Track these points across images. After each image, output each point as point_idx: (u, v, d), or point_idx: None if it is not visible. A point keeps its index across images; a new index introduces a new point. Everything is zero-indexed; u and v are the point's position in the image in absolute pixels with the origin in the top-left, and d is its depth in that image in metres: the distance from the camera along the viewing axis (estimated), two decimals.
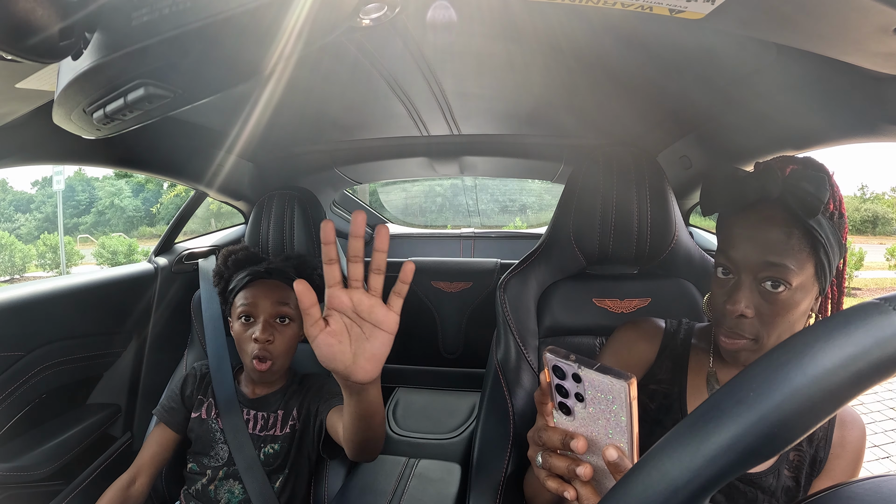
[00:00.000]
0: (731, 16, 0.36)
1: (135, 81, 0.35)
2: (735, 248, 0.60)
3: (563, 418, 0.43)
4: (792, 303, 0.57)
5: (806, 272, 0.57)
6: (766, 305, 0.58)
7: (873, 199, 26.62)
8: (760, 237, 0.58)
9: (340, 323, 0.54)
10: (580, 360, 0.40)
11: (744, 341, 0.60)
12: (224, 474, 0.91)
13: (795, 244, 0.57)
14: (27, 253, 14.27)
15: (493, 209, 3.20)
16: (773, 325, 0.58)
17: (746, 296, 0.59)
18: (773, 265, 0.57)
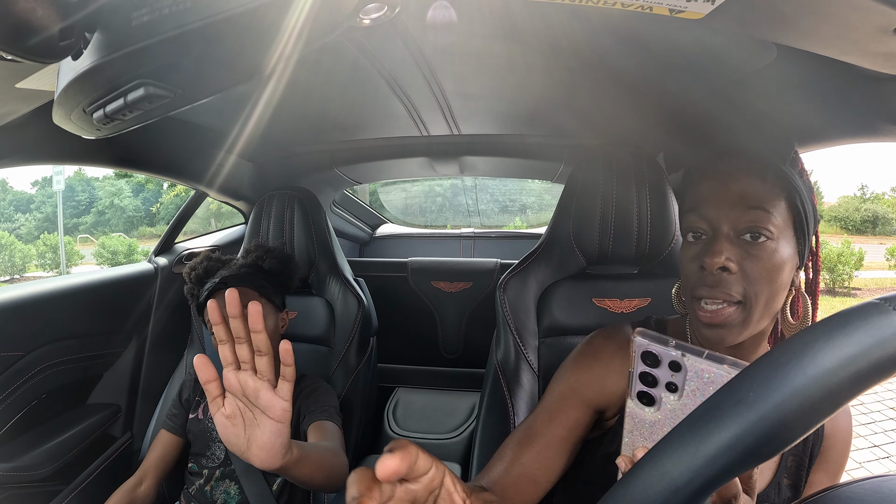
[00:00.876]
0: (731, 16, 0.36)
1: (135, 81, 0.35)
2: (707, 202, 0.56)
3: (640, 409, 0.38)
4: (776, 257, 0.53)
5: (784, 220, 0.54)
6: (750, 260, 0.53)
7: (873, 199, 26.60)
8: (734, 185, 0.54)
9: (234, 406, 0.53)
10: (682, 347, 0.35)
11: (730, 308, 0.53)
12: (220, 474, 0.92)
13: (770, 188, 0.54)
14: (27, 253, 14.27)
15: (493, 209, 3.20)
16: (760, 284, 0.53)
17: (727, 248, 0.53)
18: (752, 210, 0.53)
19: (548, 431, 0.60)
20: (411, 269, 1.77)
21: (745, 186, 0.54)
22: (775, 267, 0.53)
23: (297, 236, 1.22)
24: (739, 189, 0.54)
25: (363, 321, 1.16)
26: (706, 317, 0.54)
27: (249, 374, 0.52)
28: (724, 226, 0.54)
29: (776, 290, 0.53)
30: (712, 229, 0.55)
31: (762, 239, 0.53)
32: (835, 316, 0.24)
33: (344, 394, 1.10)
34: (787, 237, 0.54)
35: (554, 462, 0.59)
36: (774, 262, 0.53)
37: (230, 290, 0.50)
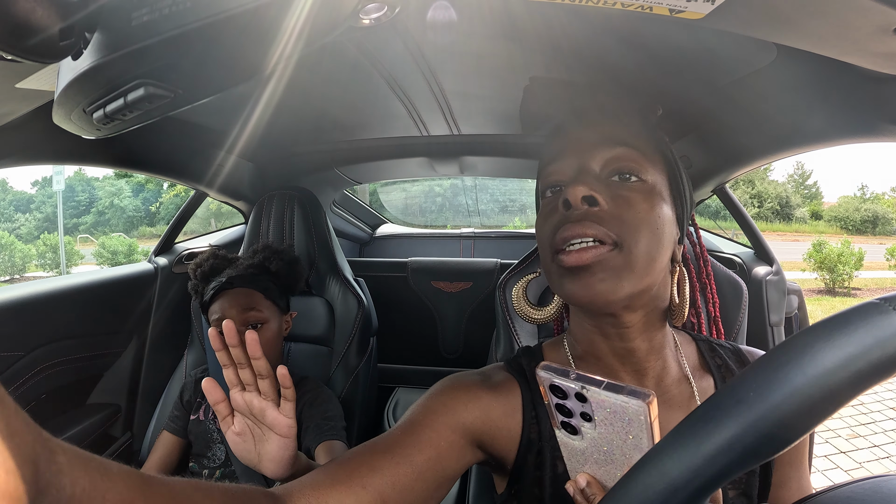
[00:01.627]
0: (731, 16, 0.36)
1: (135, 81, 0.35)
2: (568, 150, 0.49)
3: (568, 438, 0.38)
4: (654, 203, 0.45)
5: (658, 173, 0.48)
6: (622, 202, 0.45)
7: (873, 199, 26.62)
8: (599, 129, 0.48)
9: (242, 423, 0.55)
10: (582, 378, 0.34)
11: (599, 249, 0.43)
12: (221, 475, 0.92)
13: (639, 133, 0.48)
14: (27, 253, 14.28)
15: (493, 209, 3.20)
16: (638, 229, 0.44)
17: (590, 182, 0.45)
18: (620, 147, 0.47)
19: (409, 443, 0.46)
20: (411, 269, 1.77)
21: (610, 129, 0.48)
22: (653, 214, 0.45)
23: (297, 236, 1.22)
24: (603, 131, 0.48)
25: (363, 321, 1.16)
26: (570, 259, 0.43)
27: (254, 395, 0.53)
28: (588, 163, 0.47)
29: (657, 243, 0.45)
30: (574, 174, 0.48)
31: (634, 179, 0.46)
32: (835, 316, 0.24)
33: (344, 394, 1.10)
34: (664, 192, 0.47)
35: (413, 488, 0.44)
36: (652, 209, 0.45)
37: (227, 322, 0.52)
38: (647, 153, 0.48)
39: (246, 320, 0.93)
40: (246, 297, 0.94)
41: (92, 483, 0.24)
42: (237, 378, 0.54)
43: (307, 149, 1.32)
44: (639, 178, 0.46)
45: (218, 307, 0.93)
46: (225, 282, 0.94)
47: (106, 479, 0.25)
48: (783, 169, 38.29)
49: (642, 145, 0.48)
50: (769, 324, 1.03)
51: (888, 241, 16.03)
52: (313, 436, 0.88)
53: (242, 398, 0.53)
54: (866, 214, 24.16)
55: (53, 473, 0.22)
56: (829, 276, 8.27)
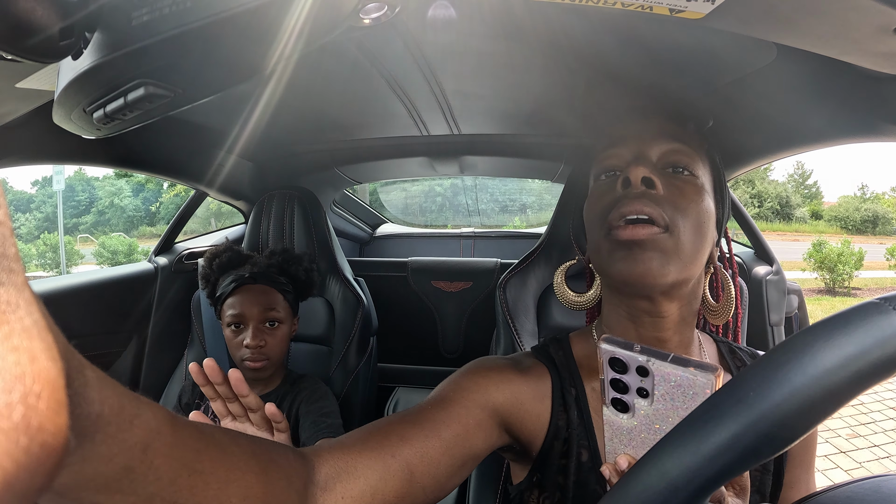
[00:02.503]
0: (731, 16, 0.36)
1: (135, 81, 0.35)
2: (625, 139, 0.52)
3: (615, 416, 0.37)
4: (703, 197, 0.48)
5: (706, 176, 0.51)
6: (675, 187, 0.48)
7: (873, 199, 26.63)
8: (653, 125, 0.52)
9: None
10: (648, 351, 0.34)
11: (653, 228, 0.45)
12: None
13: (691, 138, 0.52)
14: (27, 253, 14.28)
15: (493, 209, 3.20)
16: (687, 216, 0.46)
17: (650, 167, 0.48)
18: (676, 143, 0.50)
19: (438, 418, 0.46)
20: (411, 269, 1.77)
21: (668, 125, 0.52)
22: (701, 208, 0.48)
23: (297, 236, 1.22)
24: (662, 125, 0.52)
25: (363, 321, 1.16)
26: (625, 234, 0.45)
27: (248, 426, 0.54)
28: (647, 151, 0.50)
29: (702, 236, 0.47)
30: (633, 158, 0.50)
31: (686, 174, 0.49)
32: (835, 316, 0.24)
33: (344, 393, 1.10)
34: (709, 193, 0.51)
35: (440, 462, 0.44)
36: (700, 203, 0.48)
37: (208, 360, 0.52)
38: (699, 153, 0.51)
39: (264, 319, 0.93)
40: (266, 296, 0.95)
41: (120, 404, 0.21)
42: (226, 410, 0.54)
43: (307, 148, 1.32)
44: (691, 172, 0.49)
45: (237, 302, 0.93)
46: (248, 276, 0.95)
47: (135, 404, 0.23)
48: (783, 169, 38.30)
49: (695, 145, 0.52)
50: (769, 323, 1.03)
51: (888, 241, 16.03)
52: (311, 433, 0.88)
53: (235, 427, 0.54)
54: (866, 214, 24.16)
55: (82, 385, 0.19)
56: (829, 275, 8.27)
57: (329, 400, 0.96)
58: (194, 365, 0.52)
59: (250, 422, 0.55)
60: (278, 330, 0.95)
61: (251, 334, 0.91)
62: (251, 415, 0.54)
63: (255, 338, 0.91)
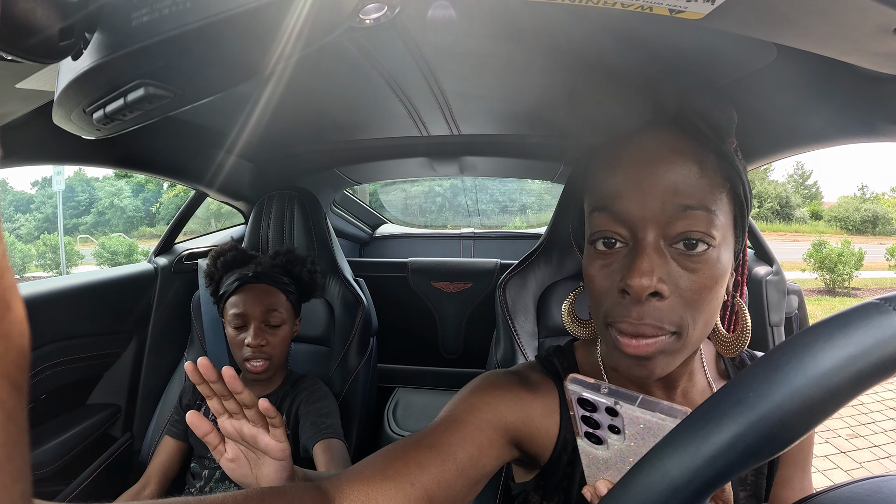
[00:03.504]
0: (731, 16, 0.36)
1: (135, 81, 0.35)
2: (624, 197, 0.41)
3: (591, 448, 0.37)
4: (718, 269, 0.41)
5: (726, 219, 0.42)
6: (686, 277, 0.40)
7: (873, 199, 26.65)
8: (663, 173, 0.40)
9: (235, 449, 0.56)
10: (615, 393, 0.33)
11: (661, 337, 0.40)
12: (220, 475, 0.92)
13: (710, 177, 0.40)
14: (27, 253, 14.29)
15: (493, 209, 3.20)
16: (699, 305, 0.40)
17: (656, 262, 0.40)
18: (689, 211, 0.39)
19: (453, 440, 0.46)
20: (411, 269, 1.77)
21: (679, 177, 0.40)
22: (717, 281, 0.41)
23: (297, 236, 1.22)
24: (671, 181, 0.40)
25: (363, 321, 1.16)
26: (630, 347, 0.41)
27: (244, 423, 0.54)
28: (649, 231, 0.40)
29: (715, 308, 0.42)
30: (633, 236, 0.42)
31: (702, 248, 0.40)
32: (835, 316, 0.24)
33: (344, 394, 1.10)
34: (728, 239, 0.43)
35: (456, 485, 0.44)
36: (716, 275, 0.41)
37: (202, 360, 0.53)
38: (718, 200, 0.41)
39: (266, 319, 0.94)
40: (269, 296, 0.95)
41: None
42: (222, 407, 0.55)
43: (307, 149, 1.32)
44: (707, 243, 0.40)
45: (240, 301, 0.94)
46: (251, 276, 0.95)
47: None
48: (783, 169, 38.31)
49: (714, 193, 0.41)
50: (769, 324, 1.03)
51: (888, 241, 16.03)
52: (310, 434, 0.88)
53: (232, 426, 0.54)
54: (866, 214, 24.17)
55: None
56: (829, 276, 8.27)
57: (328, 400, 0.96)
58: (189, 364, 0.53)
59: (246, 418, 0.55)
60: (280, 330, 0.95)
61: (253, 334, 0.91)
62: (246, 412, 0.55)
63: (256, 337, 0.91)
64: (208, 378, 0.52)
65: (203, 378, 0.52)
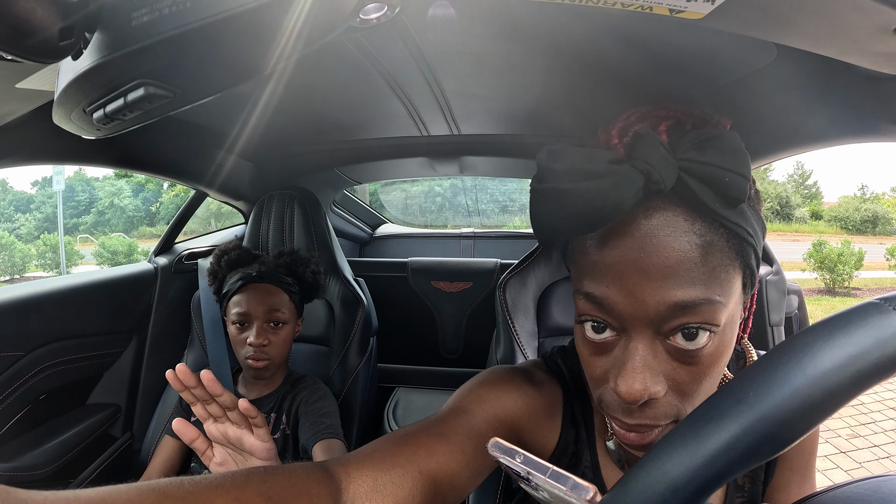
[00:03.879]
0: (731, 16, 0.36)
1: (135, 81, 0.35)
2: (613, 291, 0.35)
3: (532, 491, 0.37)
4: (721, 351, 0.36)
5: (734, 295, 0.36)
6: (684, 371, 0.36)
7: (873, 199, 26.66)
8: (658, 266, 0.34)
9: (223, 453, 0.57)
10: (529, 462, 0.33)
11: (657, 430, 0.38)
12: None
13: (719, 261, 0.34)
14: (27, 253, 14.29)
15: (493, 209, 3.20)
16: (699, 391, 0.37)
17: (650, 366, 0.35)
18: (688, 307, 0.34)
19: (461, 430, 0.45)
20: (411, 269, 1.77)
21: (676, 268, 0.33)
22: (721, 360, 0.37)
23: (297, 236, 1.22)
24: (666, 274, 0.33)
25: (363, 321, 1.16)
26: (627, 439, 0.39)
27: (228, 425, 0.55)
28: (642, 328, 0.35)
29: (716, 382, 0.39)
30: (622, 327, 0.37)
31: (704, 339, 0.35)
32: (835, 316, 0.24)
33: (344, 394, 1.10)
34: (737, 307, 0.38)
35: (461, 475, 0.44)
36: (720, 357, 0.36)
37: (181, 366, 0.54)
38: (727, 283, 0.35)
39: (270, 319, 0.94)
40: (272, 296, 0.96)
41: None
42: (206, 412, 0.55)
43: (307, 149, 1.32)
44: (710, 331, 0.35)
45: (243, 300, 0.94)
46: (255, 275, 0.95)
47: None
48: (783, 169, 38.29)
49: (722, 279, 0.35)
50: (769, 324, 1.03)
51: (888, 241, 16.03)
52: (310, 434, 0.88)
53: (217, 430, 0.55)
54: (866, 214, 24.17)
55: None
56: (829, 276, 8.27)
57: (328, 400, 0.96)
58: (170, 372, 0.53)
59: (230, 421, 0.56)
60: (282, 330, 0.95)
61: (255, 333, 0.92)
62: (229, 414, 0.55)
63: (259, 337, 0.91)
64: (187, 383, 0.53)
65: (184, 385, 0.53)
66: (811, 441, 0.54)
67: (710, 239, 0.34)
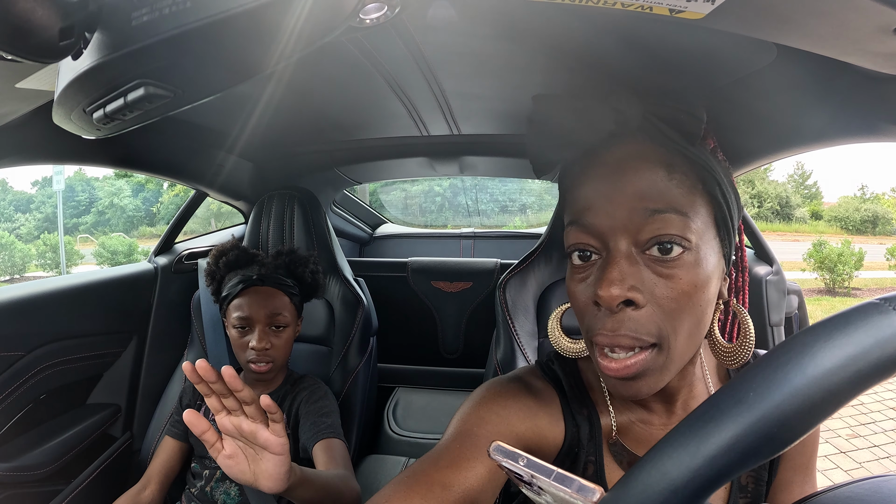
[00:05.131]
0: (731, 16, 0.36)
1: (135, 81, 0.35)
2: (593, 209, 0.41)
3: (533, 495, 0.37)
4: (698, 273, 0.39)
5: (703, 222, 0.41)
6: (662, 284, 0.39)
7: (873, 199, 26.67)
8: (630, 181, 0.40)
9: (233, 445, 0.57)
10: (532, 465, 0.33)
11: (643, 354, 0.40)
12: (221, 475, 0.92)
13: (680, 179, 0.40)
14: (27, 253, 14.28)
15: (493, 209, 3.20)
16: (680, 314, 0.39)
17: (628, 271, 0.39)
18: (659, 215, 0.39)
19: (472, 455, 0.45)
20: (411, 269, 1.77)
21: (646, 182, 0.40)
22: (698, 286, 0.40)
23: (297, 236, 1.22)
24: (638, 187, 0.40)
25: (363, 321, 1.16)
26: (613, 370, 0.41)
27: (242, 419, 0.55)
28: (622, 239, 0.40)
29: (700, 316, 0.41)
30: (604, 246, 0.41)
31: (677, 251, 0.39)
32: (835, 316, 0.24)
33: (344, 394, 1.10)
34: (710, 241, 0.41)
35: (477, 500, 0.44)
36: (696, 281, 0.39)
37: (200, 361, 0.54)
38: (691, 202, 0.40)
39: (271, 323, 0.93)
40: (273, 299, 0.95)
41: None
42: (220, 404, 0.55)
43: (307, 149, 1.32)
44: (682, 246, 0.39)
45: (244, 304, 0.93)
46: (256, 278, 0.94)
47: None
48: (783, 169, 38.34)
49: (685, 195, 0.40)
50: (769, 324, 1.03)
51: (888, 241, 16.02)
52: (310, 433, 0.88)
53: (230, 422, 0.55)
54: (866, 214, 24.17)
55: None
56: (829, 276, 8.27)
57: (328, 400, 0.96)
58: (188, 364, 0.53)
59: (245, 414, 0.56)
60: (284, 332, 0.95)
61: (257, 337, 0.91)
62: (246, 408, 0.55)
63: (261, 341, 0.91)
64: (208, 379, 0.53)
65: (201, 378, 0.53)
66: (813, 439, 0.54)
67: (673, 161, 0.41)
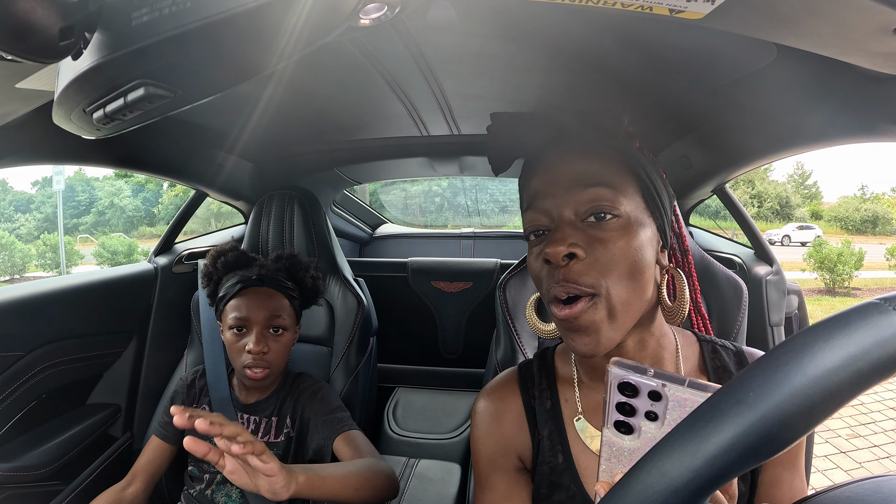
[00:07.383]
0: (731, 16, 0.36)
1: (135, 81, 0.35)
2: (542, 194, 0.51)
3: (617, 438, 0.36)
4: (630, 238, 0.48)
5: (632, 198, 0.50)
6: (600, 245, 0.47)
7: (873, 199, 26.67)
8: (567, 169, 0.50)
9: (233, 463, 0.62)
10: (662, 375, 0.33)
11: (581, 303, 0.47)
12: (221, 478, 0.91)
13: (608, 164, 0.50)
14: (27, 253, 14.28)
15: (493, 209, 3.20)
16: (614, 270, 0.47)
17: (570, 233, 0.48)
18: (592, 188, 0.48)
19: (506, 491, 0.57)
20: (411, 269, 1.77)
21: (579, 167, 0.50)
22: (630, 249, 0.48)
23: (297, 236, 1.22)
24: (573, 171, 0.50)
25: (363, 321, 1.16)
26: (563, 315, 0.48)
27: (233, 445, 0.59)
28: (564, 211, 0.49)
29: (636, 276, 0.48)
30: (552, 220, 0.51)
31: (609, 217, 0.48)
32: (835, 316, 0.24)
33: (344, 394, 1.10)
34: (641, 216, 0.50)
35: None
36: (628, 244, 0.48)
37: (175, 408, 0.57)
38: (619, 181, 0.50)
39: (270, 325, 0.90)
40: (273, 301, 0.91)
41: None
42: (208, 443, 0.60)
43: (307, 149, 1.32)
44: (613, 214, 0.48)
45: (242, 304, 0.89)
46: (255, 278, 0.91)
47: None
48: (783, 169, 38.34)
49: (613, 176, 0.50)
50: (769, 324, 1.03)
51: (888, 241, 16.03)
52: (326, 433, 0.87)
53: (226, 444, 0.59)
54: (866, 214, 24.18)
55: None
56: (829, 276, 8.27)
57: (332, 394, 0.95)
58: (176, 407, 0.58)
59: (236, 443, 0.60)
60: (282, 337, 0.91)
61: (255, 339, 0.87)
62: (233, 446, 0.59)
63: (258, 343, 0.87)
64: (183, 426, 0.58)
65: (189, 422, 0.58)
66: None
67: (602, 153, 0.51)
